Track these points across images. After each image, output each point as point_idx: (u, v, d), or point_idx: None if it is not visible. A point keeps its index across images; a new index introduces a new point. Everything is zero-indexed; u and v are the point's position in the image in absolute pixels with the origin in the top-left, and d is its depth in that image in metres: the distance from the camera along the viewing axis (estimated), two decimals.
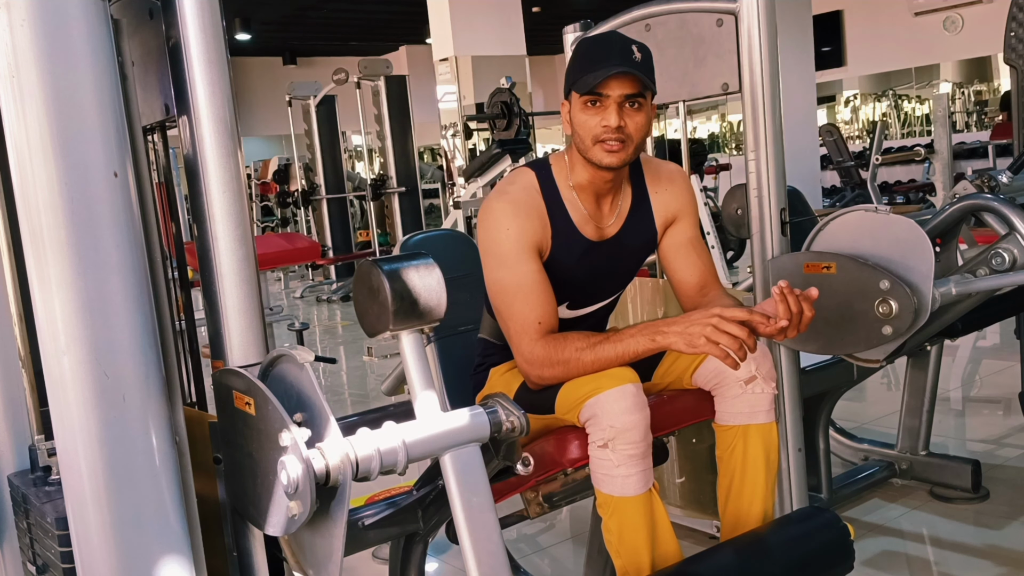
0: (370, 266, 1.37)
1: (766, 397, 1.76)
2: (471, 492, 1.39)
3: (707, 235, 6.33)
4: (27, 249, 1.25)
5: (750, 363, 1.74)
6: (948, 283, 1.98)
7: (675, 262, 1.94)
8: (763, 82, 2.09)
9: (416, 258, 1.39)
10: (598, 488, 1.66)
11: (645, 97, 1.73)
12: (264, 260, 4.40)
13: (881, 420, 3.44)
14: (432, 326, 1.40)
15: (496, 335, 1.90)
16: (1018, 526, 2.49)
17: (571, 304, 1.88)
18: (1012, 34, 3.32)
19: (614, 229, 1.86)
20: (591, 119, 1.72)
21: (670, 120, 9.37)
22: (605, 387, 1.61)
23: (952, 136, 6.80)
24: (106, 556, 1.27)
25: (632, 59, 1.70)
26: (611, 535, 1.67)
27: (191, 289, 1.84)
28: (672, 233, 1.94)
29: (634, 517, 1.64)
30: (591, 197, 1.82)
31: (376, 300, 1.36)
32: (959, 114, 12.38)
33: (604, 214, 1.85)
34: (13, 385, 1.65)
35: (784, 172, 2.15)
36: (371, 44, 14.82)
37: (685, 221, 1.94)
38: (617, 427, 1.59)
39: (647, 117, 1.75)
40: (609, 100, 1.70)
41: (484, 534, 1.40)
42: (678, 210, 1.92)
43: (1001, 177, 2.36)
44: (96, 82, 1.22)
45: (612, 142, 1.71)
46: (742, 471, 1.78)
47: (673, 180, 1.93)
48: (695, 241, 1.95)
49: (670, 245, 1.94)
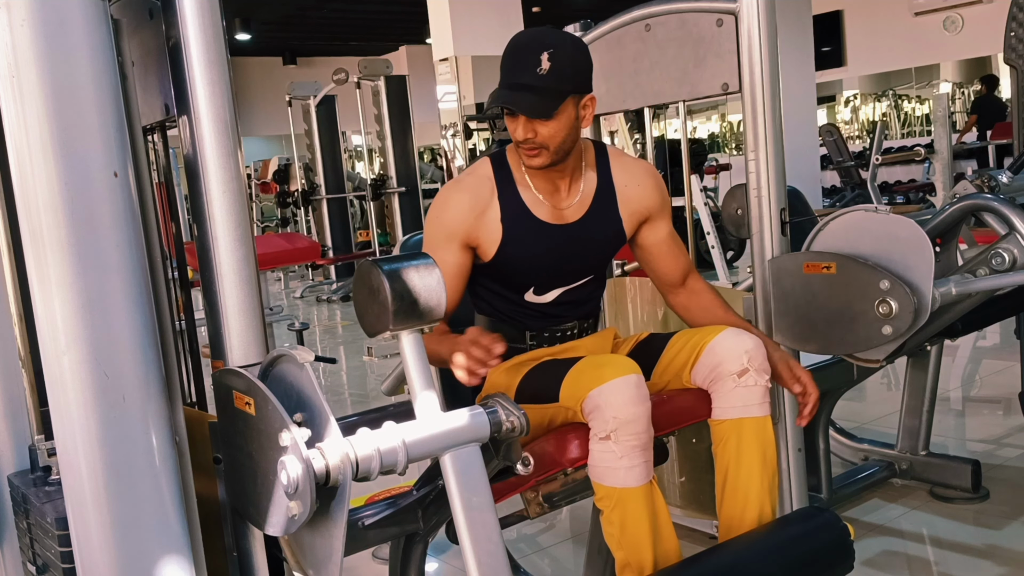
0: (370, 266, 1.37)
1: (759, 389, 1.76)
2: (471, 492, 1.39)
3: (707, 235, 6.34)
4: (27, 249, 1.25)
5: (742, 356, 1.75)
6: (948, 283, 1.98)
7: (657, 260, 1.99)
8: (763, 82, 2.09)
9: (416, 258, 1.38)
10: (598, 482, 1.66)
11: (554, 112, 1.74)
12: (264, 260, 4.40)
13: (881, 420, 3.44)
14: (432, 325, 1.40)
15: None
16: (1018, 526, 2.49)
17: (536, 289, 1.90)
18: (1012, 34, 3.32)
19: (576, 214, 1.88)
20: (510, 125, 1.78)
21: (670, 120, 9.38)
22: (608, 377, 1.62)
23: (952, 136, 6.80)
24: (106, 556, 1.27)
25: (536, 73, 1.70)
26: (613, 527, 1.67)
27: (191, 289, 1.84)
28: (649, 232, 1.97)
29: (637, 508, 1.65)
30: (545, 182, 1.86)
31: (376, 300, 1.36)
32: (959, 114, 12.38)
33: (562, 196, 1.87)
34: (13, 385, 1.65)
35: (784, 172, 2.15)
36: (371, 44, 14.82)
37: (661, 219, 1.98)
38: (621, 418, 1.60)
39: (562, 122, 1.76)
40: (516, 113, 1.75)
41: (484, 534, 1.39)
42: (651, 208, 1.95)
43: (1001, 177, 2.36)
44: (96, 82, 1.22)
45: (528, 150, 1.77)
46: (736, 465, 1.77)
47: (644, 178, 1.96)
48: (673, 236, 2.00)
49: (650, 244, 1.98)
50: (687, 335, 1.86)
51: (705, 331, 1.83)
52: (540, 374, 1.81)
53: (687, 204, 2.45)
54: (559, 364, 1.78)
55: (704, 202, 6.40)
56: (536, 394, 1.76)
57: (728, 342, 1.78)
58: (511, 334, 1.89)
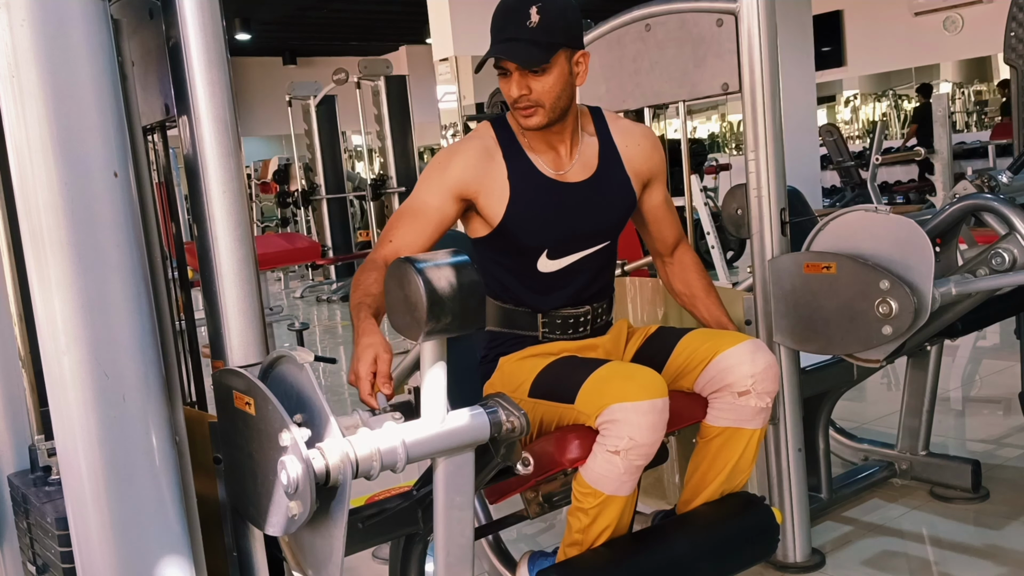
0: (408, 269, 1.31)
1: (755, 409, 1.77)
2: (455, 492, 1.42)
3: (707, 235, 6.33)
4: (27, 249, 1.25)
5: (747, 380, 1.75)
6: (948, 283, 1.97)
7: (654, 224, 2.02)
8: (763, 82, 2.09)
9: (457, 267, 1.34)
10: (588, 481, 1.65)
11: (546, 62, 1.72)
12: (264, 260, 4.40)
13: (881, 420, 3.44)
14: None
15: (504, 323, 1.89)
16: (1018, 526, 2.49)
17: (550, 253, 1.84)
18: (1012, 34, 3.32)
19: (582, 175, 1.86)
20: (504, 86, 1.76)
21: (670, 120, 9.37)
22: (634, 396, 1.58)
23: (952, 136, 6.79)
24: (106, 556, 1.27)
25: (526, 26, 1.69)
26: (585, 516, 1.68)
27: (191, 289, 1.84)
28: (648, 196, 1.99)
29: (613, 513, 1.68)
30: (544, 144, 1.84)
31: (411, 314, 1.32)
32: (959, 114, 12.37)
33: (563, 160, 1.85)
34: (13, 385, 1.65)
35: (784, 172, 2.15)
36: (371, 44, 14.82)
37: (659, 183, 1.99)
38: (637, 440, 1.58)
39: (555, 77, 1.74)
40: (510, 70, 1.73)
41: (459, 530, 1.46)
42: (651, 170, 1.95)
43: (1001, 177, 2.36)
44: (96, 82, 1.22)
45: (523, 109, 1.75)
46: (712, 462, 1.83)
47: (643, 139, 1.95)
48: (669, 202, 2.04)
49: (648, 208, 2.00)
50: (699, 339, 1.83)
51: (716, 341, 1.80)
52: (559, 371, 1.76)
53: (687, 204, 2.45)
54: (580, 364, 1.74)
55: (704, 202, 6.39)
56: (552, 391, 1.73)
57: (735, 360, 1.75)
58: (523, 322, 1.87)
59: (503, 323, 1.89)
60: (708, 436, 1.83)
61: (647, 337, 1.93)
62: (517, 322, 1.88)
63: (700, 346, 1.80)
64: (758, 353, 1.76)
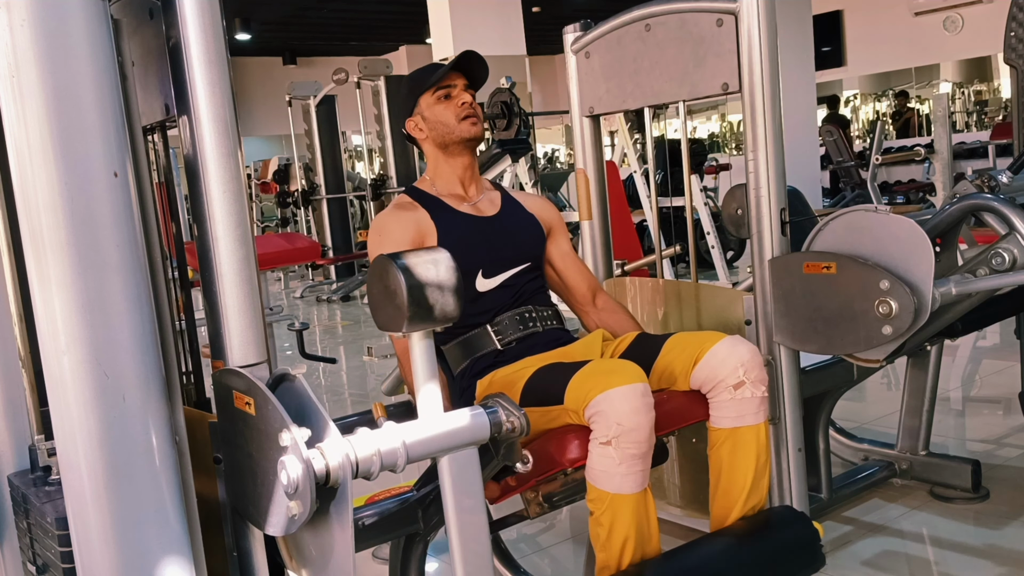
0: (388, 264, 1.38)
1: (754, 400, 1.81)
2: (464, 495, 1.41)
3: (707, 235, 6.33)
4: (27, 249, 1.25)
5: (738, 369, 1.79)
6: (948, 283, 1.97)
7: (566, 272, 2.20)
8: (763, 82, 2.09)
9: (435, 260, 1.40)
10: (593, 484, 1.67)
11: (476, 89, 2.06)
12: (264, 260, 4.39)
13: (881, 420, 3.44)
14: (445, 326, 1.41)
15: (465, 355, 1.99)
16: (1018, 526, 2.49)
17: (484, 272, 2.01)
18: (1012, 34, 3.32)
19: (491, 210, 2.10)
20: (448, 108, 2.03)
21: (670, 120, 9.38)
22: (615, 383, 1.64)
23: (952, 136, 6.79)
24: (106, 556, 1.27)
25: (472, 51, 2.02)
26: (601, 529, 1.69)
27: (191, 289, 1.84)
28: (555, 245, 2.19)
29: (627, 515, 1.67)
30: (454, 196, 2.08)
31: (392, 303, 1.38)
32: (959, 114, 12.37)
33: (470, 195, 2.10)
34: (13, 385, 1.65)
35: (784, 172, 2.15)
36: (371, 44, 14.82)
37: (562, 236, 2.21)
38: (624, 426, 1.61)
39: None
40: (457, 87, 2.04)
41: (473, 535, 1.42)
42: (550, 222, 2.19)
43: (1001, 177, 2.35)
44: (96, 82, 1.22)
45: (472, 116, 2.03)
46: (730, 469, 1.84)
47: (536, 199, 2.24)
48: (574, 254, 2.24)
49: (558, 256, 2.19)
50: (684, 340, 1.89)
51: (702, 338, 1.86)
52: (546, 375, 1.83)
53: (687, 204, 2.45)
54: (565, 367, 1.80)
55: (704, 202, 6.39)
56: (541, 395, 1.77)
57: (723, 353, 1.81)
58: (478, 342, 1.96)
59: (464, 355, 1.98)
60: (716, 443, 1.85)
61: (630, 343, 1.99)
62: (475, 345, 1.98)
63: (687, 346, 1.86)
64: (739, 345, 1.83)
